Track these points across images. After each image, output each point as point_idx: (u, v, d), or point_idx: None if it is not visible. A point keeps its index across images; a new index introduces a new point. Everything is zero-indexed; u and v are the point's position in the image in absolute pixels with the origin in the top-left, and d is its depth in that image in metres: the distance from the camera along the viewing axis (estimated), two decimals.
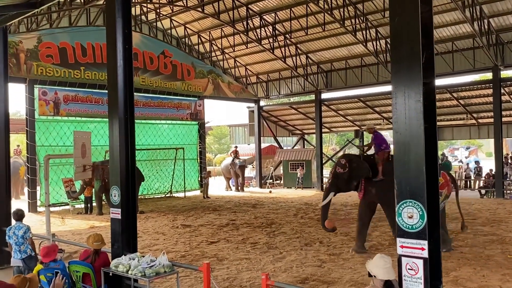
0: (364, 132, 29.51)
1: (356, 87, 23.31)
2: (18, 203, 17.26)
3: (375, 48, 20.16)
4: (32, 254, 7.21)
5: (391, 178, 8.82)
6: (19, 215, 7.33)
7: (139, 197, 18.18)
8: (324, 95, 25.06)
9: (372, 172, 9.08)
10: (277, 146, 30.67)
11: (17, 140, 34.32)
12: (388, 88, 23.08)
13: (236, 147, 27.07)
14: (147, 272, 5.69)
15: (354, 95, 24.51)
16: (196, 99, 23.71)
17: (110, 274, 6.03)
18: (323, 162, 26.14)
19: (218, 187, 26.39)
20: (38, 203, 17.46)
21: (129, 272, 5.78)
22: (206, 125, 26.22)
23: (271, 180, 27.11)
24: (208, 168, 23.99)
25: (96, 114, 19.22)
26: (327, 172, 27.83)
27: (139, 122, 20.47)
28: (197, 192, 23.23)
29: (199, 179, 23.65)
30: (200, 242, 10.90)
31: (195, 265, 7.41)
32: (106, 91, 15.26)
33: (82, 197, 17.06)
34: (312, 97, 25.51)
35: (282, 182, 27.36)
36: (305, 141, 32.21)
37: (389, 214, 9.18)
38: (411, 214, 3.85)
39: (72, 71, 18.52)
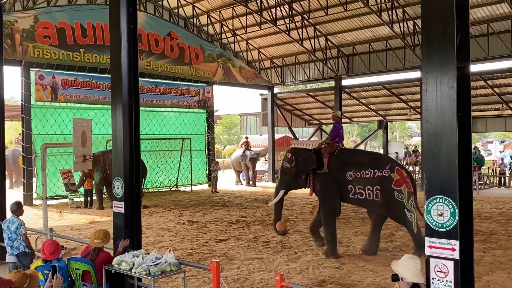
0: (388, 122, 29.36)
1: (380, 73, 23.14)
2: (15, 194, 17.52)
3: (402, 30, 19.95)
4: (27, 251, 7.31)
5: (335, 173, 9.18)
6: (14, 209, 7.45)
7: (142, 190, 18.33)
8: (345, 82, 24.91)
9: (318, 165, 9.21)
10: (292, 137, 30.65)
11: (11, 128, 34.83)
12: (415, 74, 22.87)
13: (247, 137, 27.09)
14: (152, 271, 5.74)
15: (378, 81, 24.32)
16: (205, 85, 23.75)
17: (113, 272, 6.10)
18: None
19: (227, 181, 26.49)
20: (34, 195, 17.71)
21: (133, 270, 5.84)
22: (215, 114, 26.28)
23: None
24: (217, 161, 24.06)
25: (97, 100, 19.38)
26: None
27: (143, 109, 20.58)
28: (205, 186, 23.36)
29: (207, 172, 23.76)
30: (208, 240, 10.99)
31: (203, 264, 7.47)
32: (108, 76, 15.28)
33: (81, 190, 17.27)
34: (332, 83, 25.37)
35: None
36: (323, 132, 32.11)
37: (320, 210, 9.41)
38: (441, 212, 3.83)
39: (71, 54, 18.66)
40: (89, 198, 16.95)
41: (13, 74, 52.19)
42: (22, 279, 3.79)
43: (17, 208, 7.45)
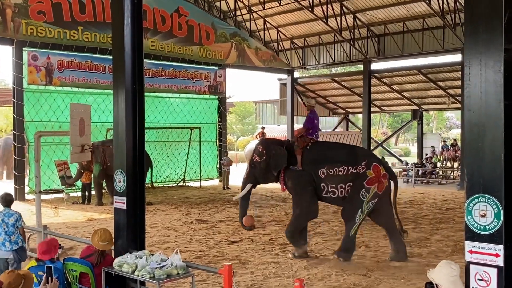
0: (424, 112, 29.15)
1: (415, 55, 22.95)
2: (6, 186, 17.81)
3: (441, 7, 19.72)
4: (24, 245, 7.48)
5: (308, 169, 9.25)
6: (8, 201, 7.56)
7: (146, 185, 18.49)
8: (375, 65, 24.76)
9: (291, 161, 9.35)
10: None
11: (1, 114, 35.33)
12: (456, 57, 22.64)
13: (263, 128, 27.11)
14: (157, 274, 5.80)
15: (413, 65, 24.15)
16: (216, 68, 23.79)
17: (113, 275, 6.19)
18: (371, 148, 25.95)
19: (240, 176, 26.57)
20: (26, 189, 17.99)
21: (136, 273, 5.90)
22: (227, 101, 26.37)
23: None
24: (230, 153, 24.16)
25: (96, 84, 19.56)
26: None
27: (147, 95, 20.65)
28: (216, 182, 23.48)
29: (218, 166, 23.86)
30: (218, 241, 11.08)
31: (213, 267, 7.51)
32: (109, 57, 15.41)
33: (78, 183, 17.48)
34: (360, 67, 25.25)
35: None
36: (349, 123, 31.99)
37: (293, 209, 9.60)
38: (484, 212, 3.81)
39: (68, 32, 18.83)
40: (87, 193, 17.16)
41: (3, 54, 52.81)
42: (16, 280, 3.85)
43: (9, 200, 7.59)
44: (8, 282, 3.80)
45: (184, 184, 22.58)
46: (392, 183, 9.39)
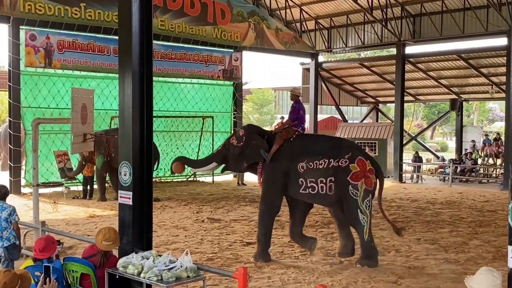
0: (464, 102, 28.86)
1: (455, 38, 22.73)
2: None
3: None
4: (16, 242, 7.56)
5: (285, 164, 9.35)
6: (3, 193, 7.67)
7: (153, 180, 18.62)
8: (410, 49, 24.59)
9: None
10: (340, 118, 30.48)
11: None
12: (501, 41, 22.37)
13: (283, 118, 27.03)
14: (165, 276, 5.85)
15: (452, 49, 23.88)
16: (232, 50, 23.80)
17: (117, 277, 6.26)
18: (404, 142, 25.80)
19: None
20: (23, 182, 18.21)
21: (141, 275, 5.96)
22: (244, 87, 26.38)
23: None
24: None
25: (100, 67, 19.69)
26: (408, 157, 27.56)
27: (155, 80, 20.69)
28: (230, 177, 23.55)
29: None
30: (232, 242, 11.14)
31: (226, 270, 7.54)
32: (114, 37, 15.43)
33: (79, 176, 17.66)
34: (393, 51, 25.06)
35: None
36: (380, 113, 31.82)
37: (260, 204, 9.78)
38: None
39: (70, 9, 18.96)
40: (88, 187, 17.33)
41: None
42: (13, 280, 3.90)
43: (4, 193, 7.69)
44: (4, 282, 3.85)
45: (194, 179, 22.68)
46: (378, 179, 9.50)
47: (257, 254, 9.68)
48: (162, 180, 21.69)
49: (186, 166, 10.14)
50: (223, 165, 10.15)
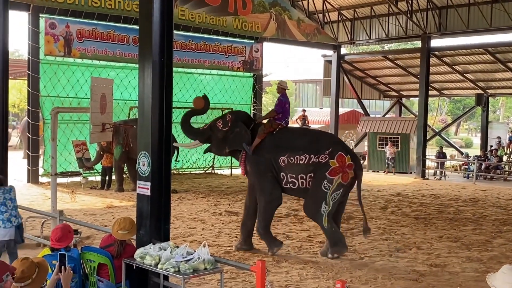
0: (490, 98, 28.55)
1: (482, 31, 22.47)
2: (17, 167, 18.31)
3: None
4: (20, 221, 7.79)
5: (268, 157, 9.46)
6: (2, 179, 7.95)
7: (171, 171, 18.72)
8: (435, 42, 24.39)
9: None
10: (362, 112, 30.35)
11: (15, 88, 36.11)
12: None
13: (304, 111, 27.04)
14: (182, 268, 5.90)
15: (479, 43, 23.62)
16: (253, 42, 23.78)
17: (134, 267, 6.33)
18: (427, 138, 25.62)
19: None
20: (41, 171, 18.44)
21: (159, 266, 6.02)
22: (264, 79, 26.34)
23: None
24: None
25: (120, 57, 19.80)
26: (432, 152, 27.38)
27: (175, 70, 20.84)
28: None
29: None
30: None
31: (244, 263, 7.60)
32: (134, 26, 15.52)
33: (97, 167, 17.82)
34: (418, 44, 24.89)
35: (365, 162, 27.14)
36: (403, 107, 31.62)
37: (258, 198, 9.82)
38: None
39: None
40: (107, 178, 17.49)
41: (18, 21, 53.64)
42: (30, 269, 3.92)
43: (4, 178, 7.95)
44: (22, 270, 3.87)
45: (213, 172, 22.77)
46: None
47: (268, 247, 9.77)
48: (180, 172, 21.80)
49: (206, 103, 10.01)
50: (206, 146, 10.37)
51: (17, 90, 36.87)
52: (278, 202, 9.83)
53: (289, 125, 10.39)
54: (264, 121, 10.18)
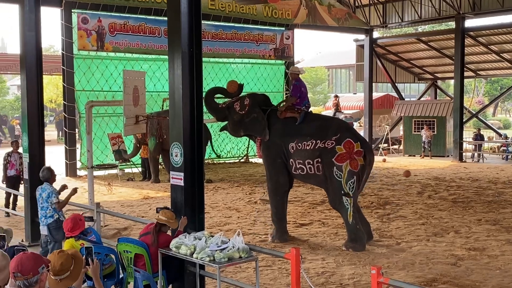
0: None
1: None
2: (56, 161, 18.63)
3: None
4: (61, 218, 7.92)
5: (281, 143, 9.48)
6: (45, 177, 8.07)
7: (205, 161, 18.81)
8: (470, 22, 23.95)
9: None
10: (396, 96, 29.97)
11: (51, 84, 36.76)
12: None
13: (337, 96, 26.84)
14: (217, 257, 5.95)
15: None
16: (283, 29, 23.65)
17: (170, 257, 6.39)
18: (464, 120, 25.21)
19: None
20: (78, 164, 18.75)
21: (194, 255, 6.08)
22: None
23: (385, 144, 26.74)
24: None
25: (151, 49, 19.92)
26: (469, 135, 26.94)
27: (206, 60, 20.92)
28: None
29: None
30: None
31: (279, 251, 7.62)
32: (165, 18, 15.51)
33: (134, 159, 18.03)
34: (452, 25, 24.44)
35: (401, 147, 26.83)
36: (438, 90, 31.14)
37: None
38: None
39: None
40: (146, 169, 17.72)
41: (52, 17, 54.35)
42: (68, 261, 3.97)
43: (49, 174, 8.05)
44: (61, 262, 3.93)
45: (247, 160, 22.82)
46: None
47: (273, 234, 9.83)
48: (215, 162, 21.90)
49: (239, 90, 10.23)
50: (222, 124, 10.56)
51: (54, 86, 37.51)
52: (284, 188, 9.85)
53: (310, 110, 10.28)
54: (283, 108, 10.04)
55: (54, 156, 19.47)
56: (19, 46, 10.11)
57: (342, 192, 9.03)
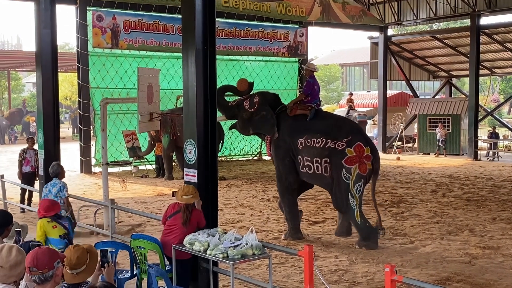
0: None
1: None
2: (71, 158, 18.78)
3: None
4: (69, 217, 7.95)
5: (290, 140, 9.44)
6: (55, 172, 8.13)
7: (218, 159, 18.85)
8: (485, 20, 23.74)
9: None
10: (411, 93, 29.83)
11: (66, 81, 37.02)
12: None
13: (351, 94, 26.79)
14: (230, 254, 5.97)
15: None
16: (297, 26, 23.62)
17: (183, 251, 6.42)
18: (479, 118, 25.03)
19: None
20: (93, 161, 18.87)
21: (207, 252, 6.11)
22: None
23: (399, 142, 26.62)
24: None
25: (166, 47, 19.99)
26: (484, 133, 26.76)
27: (220, 58, 20.87)
28: None
29: None
30: None
31: (292, 248, 7.63)
32: (179, 16, 15.57)
33: (148, 156, 18.10)
34: (467, 22, 24.28)
35: (416, 145, 26.70)
36: (453, 88, 30.95)
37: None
38: None
39: None
40: (161, 166, 17.80)
41: (67, 15, 54.57)
42: (84, 256, 4.02)
43: (59, 170, 8.12)
44: (77, 256, 3.97)
45: (260, 158, 22.83)
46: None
47: (288, 232, 9.82)
48: (228, 159, 21.94)
49: (249, 88, 10.29)
50: (230, 122, 10.59)
51: (69, 83, 37.75)
52: (293, 187, 9.83)
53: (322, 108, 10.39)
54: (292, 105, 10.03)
55: (69, 153, 19.67)
56: (35, 44, 10.22)
57: (349, 194, 9.00)
